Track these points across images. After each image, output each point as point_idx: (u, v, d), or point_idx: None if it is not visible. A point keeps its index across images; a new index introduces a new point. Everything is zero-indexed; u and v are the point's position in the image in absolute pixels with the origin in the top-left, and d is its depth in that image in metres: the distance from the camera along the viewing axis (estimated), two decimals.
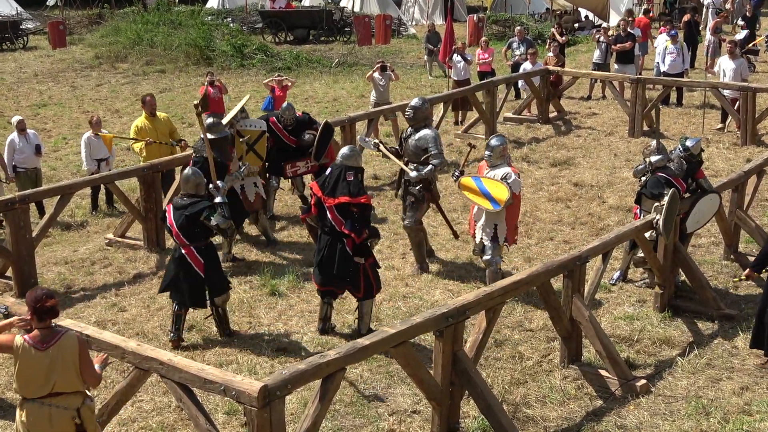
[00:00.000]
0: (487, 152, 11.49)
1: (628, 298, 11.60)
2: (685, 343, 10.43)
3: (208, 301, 10.61)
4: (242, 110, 13.86)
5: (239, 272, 12.69)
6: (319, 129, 14.18)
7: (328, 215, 10.32)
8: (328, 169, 10.60)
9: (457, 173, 11.79)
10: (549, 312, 9.65)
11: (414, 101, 12.81)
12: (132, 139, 15.22)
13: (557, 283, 9.93)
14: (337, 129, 16.69)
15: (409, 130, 12.71)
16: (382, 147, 13.15)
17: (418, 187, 12.34)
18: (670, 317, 11.01)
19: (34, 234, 12.60)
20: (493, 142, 11.53)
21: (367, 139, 14.22)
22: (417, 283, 12.16)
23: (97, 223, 15.00)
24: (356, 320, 10.78)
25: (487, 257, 11.40)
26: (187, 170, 10.96)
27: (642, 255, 11.20)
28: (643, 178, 11.43)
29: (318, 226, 10.63)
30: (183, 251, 10.42)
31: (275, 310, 11.46)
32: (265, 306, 11.59)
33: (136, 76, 29.76)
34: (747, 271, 10.47)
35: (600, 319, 10.55)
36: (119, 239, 14.02)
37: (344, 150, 10.76)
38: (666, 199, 10.51)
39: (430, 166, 12.28)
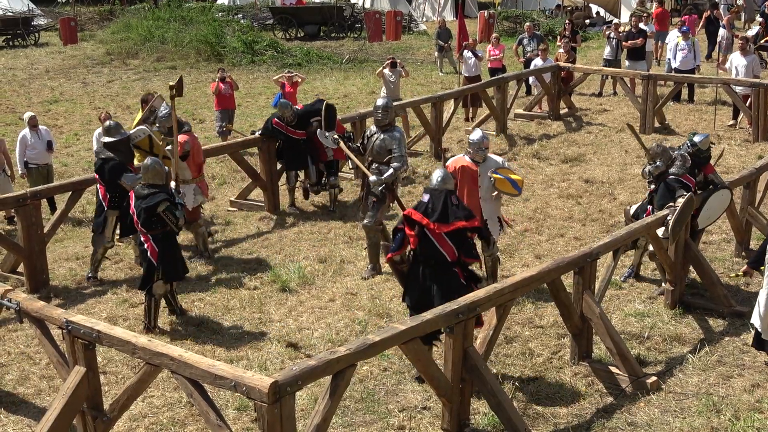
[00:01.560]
0: (475, 149, 11.35)
1: (638, 295, 11.58)
2: (695, 340, 10.41)
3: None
4: (152, 111, 13.75)
5: (249, 269, 12.72)
6: (322, 111, 14.11)
7: (437, 244, 9.10)
8: (425, 196, 9.34)
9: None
10: (559, 309, 9.63)
11: (381, 101, 12.64)
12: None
13: (567, 279, 9.91)
14: (348, 126, 16.71)
15: (373, 128, 12.58)
16: (342, 144, 12.88)
17: (380, 188, 12.20)
18: (680, 314, 10.99)
19: (45, 230, 12.65)
20: (478, 137, 11.43)
21: (327, 134, 13.65)
22: None
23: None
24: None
25: (496, 250, 11.54)
26: (148, 160, 11.05)
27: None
28: (652, 186, 11.40)
29: (404, 264, 9.52)
30: (142, 239, 10.75)
31: (285, 306, 11.48)
32: (276, 302, 11.60)
33: (147, 72, 29.81)
34: (745, 267, 10.47)
35: (610, 316, 10.54)
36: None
37: (439, 173, 9.49)
38: (681, 201, 10.50)
39: (390, 170, 12.17)
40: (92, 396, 8.06)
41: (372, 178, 12.20)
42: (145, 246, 10.73)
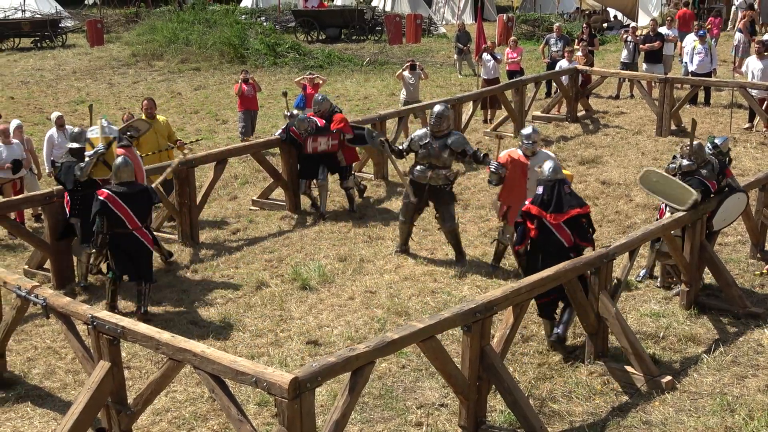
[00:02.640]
0: (526, 142, 11.96)
1: (654, 295, 11.54)
2: (710, 340, 10.37)
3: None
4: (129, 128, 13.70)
5: (271, 267, 12.75)
6: (358, 134, 14.51)
7: (556, 233, 9.79)
8: (540, 188, 10.01)
9: (495, 163, 12.14)
10: (576, 308, 9.61)
11: (438, 108, 12.93)
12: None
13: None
14: (368, 126, 16.74)
15: (419, 133, 13.04)
16: (386, 146, 13.33)
17: (449, 188, 12.78)
18: (696, 314, 10.94)
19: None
20: (529, 131, 12.06)
21: (374, 134, 14.25)
22: (445, 278, 12.16)
23: None
24: (560, 326, 10.08)
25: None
26: (120, 159, 11.27)
27: (665, 249, 11.13)
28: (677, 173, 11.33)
29: (524, 257, 10.11)
30: (136, 233, 11.07)
31: (306, 304, 11.50)
32: (296, 300, 11.63)
33: (172, 73, 29.92)
34: None
35: (626, 316, 10.51)
36: (155, 233, 14.09)
37: (550, 164, 10.11)
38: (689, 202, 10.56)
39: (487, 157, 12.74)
40: (116, 390, 8.11)
41: (406, 181, 12.93)
42: (141, 238, 11.19)
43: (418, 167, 12.88)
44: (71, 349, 9.00)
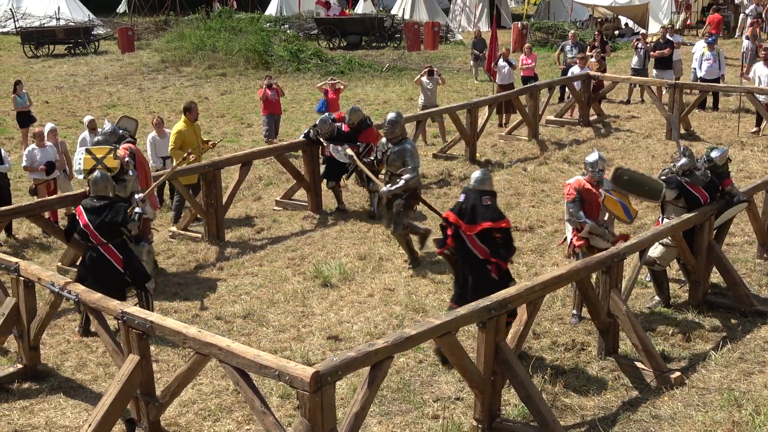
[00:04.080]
0: (596, 170, 10.51)
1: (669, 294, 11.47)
2: (718, 337, 10.30)
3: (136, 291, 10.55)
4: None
5: (293, 264, 12.77)
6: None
7: (469, 244, 9.28)
8: (462, 196, 9.47)
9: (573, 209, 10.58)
10: (587, 306, 9.58)
11: (391, 116, 12.51)
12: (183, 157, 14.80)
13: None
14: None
15: (387, 143, 12.49)
16: (355, 158, 13.21)
17: (404, 197, 12.26)
18: (704, 313, 10.88)
19: None
20: (596, 158, 10.66)
21: (339, 149, 14.06)
22: None
23: (161, 217, 15.13)
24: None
25: None
26: (96, 173, 10.58)
27: (653, 255, 10.91)
28: (663, 178, 11.14)
29: (454, 257, 9.64)
30: (101, 249, 10.24)
31: (327, 301, 11.50)
32: (318, 296, 11.63)
33: (199, 79, 29.99)
34: None
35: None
36: (182, 232, 14.16)
37: (477, 174, 9.56)
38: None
39: (401, 182, 12.17)
40: (145, 383, 8.14)
41: (383, 189, 12.37)
42: (108, 256, 10.24)
43: (380, 175, 12.76)
44: (102, 343, 9.03)
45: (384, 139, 12.63)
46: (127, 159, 11.60)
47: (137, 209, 10.35)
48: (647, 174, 10.84)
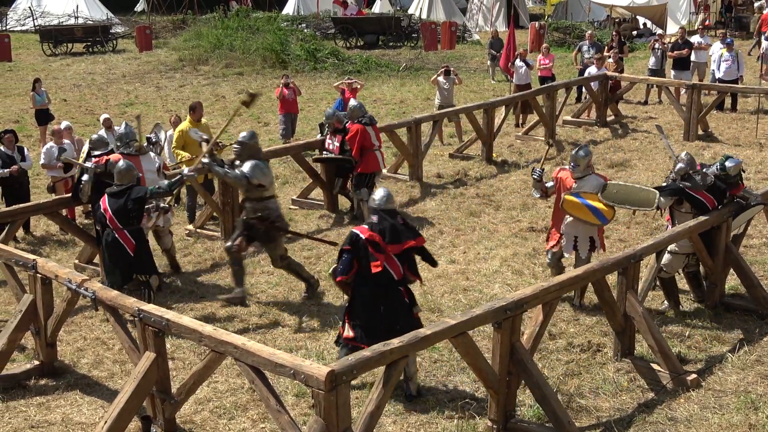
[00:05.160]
0: (572, 164, 10.95)
1: (680, 296, 11.41)
2: (735, 339, 10.25)
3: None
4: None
5: (309, 263, 12.77)
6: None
7: (386, 265, 8.71)
8: (374, 217, 8.90)
9: (538, 171, 11.27)
10: (603, 307, 9.55)
11: (242, 135, 11.66)
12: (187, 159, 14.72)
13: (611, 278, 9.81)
14: (403, 130, 16.74)
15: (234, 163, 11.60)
16: (204, 146, 12.11)
17: (261, 228, 11.41)
18: (721, 315, 10.83)
19: None
20: (580, 153, 10.95)
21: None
22: (477, 277, 12.13)
23: (178, 215, 15.19)
24: (405, 381, 9.03)
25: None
26: (121, 163, 10.94)
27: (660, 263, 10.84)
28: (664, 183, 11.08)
29: (349, 287, 8.95)
30: (116, 235, 10.54)
31: (343, 300, 11.49)
32: (333, 295, 11.63)
33: (216, 77, 30.08)
34: None
35: (663, 313, 10.43)
36: (199, 230, 14.21)
37: (383, 193, 9.10)
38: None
39: (236, 172, 11.28)
40: (161, 380, 8.16)
41: (184, 171, 11.80)
42: (122, 241, 10.51)
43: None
44: (118, 340, 9.07)
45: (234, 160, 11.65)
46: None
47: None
48: (636, 185, 10.80)
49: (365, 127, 14.39)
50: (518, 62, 21.84)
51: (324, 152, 14.91)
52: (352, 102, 15.28)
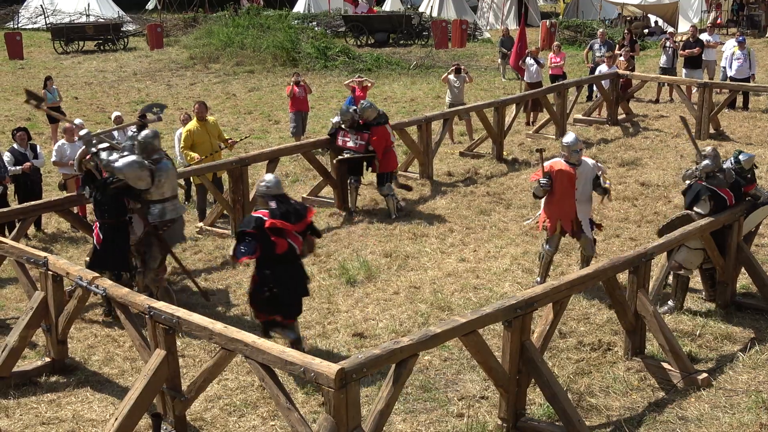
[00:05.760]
0: (570, 152, 11.27)
1: (691, 295, 11.39)
2: (746, 338, 10.22)
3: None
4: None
5: (319, 261, 12.78)
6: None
7: (292, 242, 9.34)
8: (272, 203, 9.37)
9: (544, 181, 11.24)
10: (614, 306, 9.53)
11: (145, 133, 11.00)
12: (195, 161, 14.64)
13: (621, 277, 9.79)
14: (413, 128, 16.72)
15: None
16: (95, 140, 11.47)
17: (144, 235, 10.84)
18: (732, 314, 10.79)
19: None
20: (572, 141, 11.34)
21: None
22: (487, 275, 12.11)
23: (188, 213, 15.22)
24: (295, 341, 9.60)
25: (592, 250, 11.64)
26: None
27: (678, 259, 10.83)
28: (688, 182, 11.13)
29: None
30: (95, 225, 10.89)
31: (352, 298, 11.51)
32: (343, 294, 11.65)
33: (227, 75, 30.12)
34: None
35: (663, 314, 10.39)
36: (209, 228, 14.24)
37: (272, 178, 9.64)
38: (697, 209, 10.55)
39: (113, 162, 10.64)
40: (171, 377, 8.18)
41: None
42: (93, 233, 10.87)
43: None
44: (129, 338, 9.09)
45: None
46: None
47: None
48: (673, 217, 10.91)
49: (386, 127, 14.65)
50: (529, 60, 21.80)
51: (345, 152, 14.85)
52: (363, 102, 15.29)
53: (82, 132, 11.36)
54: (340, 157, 14.79)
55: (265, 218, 9.23)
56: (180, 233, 11.29)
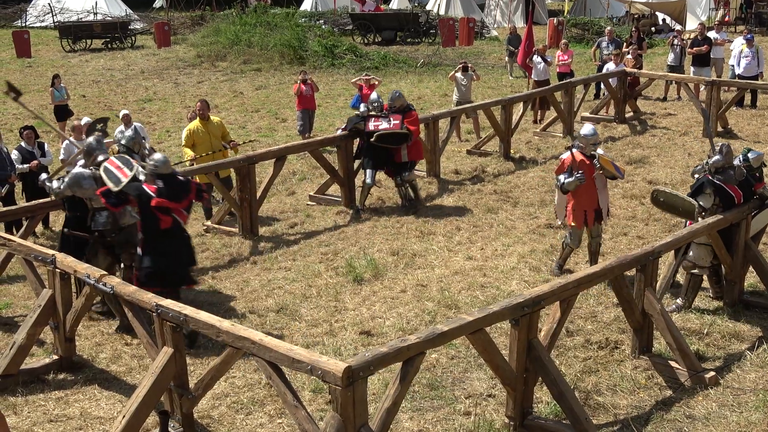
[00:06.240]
0: (588, 143, 11.64)
1: (699, 293, 11.36)
2: (754, 337, 10.19)
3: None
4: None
5: (327, 260, 12.80)
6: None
7: (178, 217, 10.12)
8: (159, 182, 9.95)
9: (578, 175, 11.41)
10: (621, 304, 9.51)
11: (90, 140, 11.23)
12: (189, 160, 14.66)
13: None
14: (421, 126, 16.71)
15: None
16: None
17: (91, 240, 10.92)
18: (740, 312, 10.77)
19: None
20: (589, 132, 11.75)
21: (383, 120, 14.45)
22: (494, 273, 12.11)
23: (195, 211, 15.22)
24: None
25: (599, 237, 12.00)
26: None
27: (690, 257, 10.87)
28: (697, 176, 11.11)
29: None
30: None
31: (359, 296, 11.52)
32: (350, 292, 11.65)
33: (234, 74, 30.15)
34: None
35: (671, 313, 10.38)
36: (216, 226, 14.26)
37: (160, 157, 10.18)
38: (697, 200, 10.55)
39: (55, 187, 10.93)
40: (179, 375, 8.18)
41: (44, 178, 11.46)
42: None
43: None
44: (137, 335, 9.10)
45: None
46: None
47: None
48: (680, 194, 10.85)
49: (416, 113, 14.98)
50: (536, 58, 21.78)
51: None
52: (395, 91, 15.32)
53: (90, 139, 11.41)
54: (378, 132, 14.60)
55: (152, 195, 9.93)
56: (132, 239, 10.81)
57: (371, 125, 14.68)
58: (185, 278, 10.36)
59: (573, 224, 11.80)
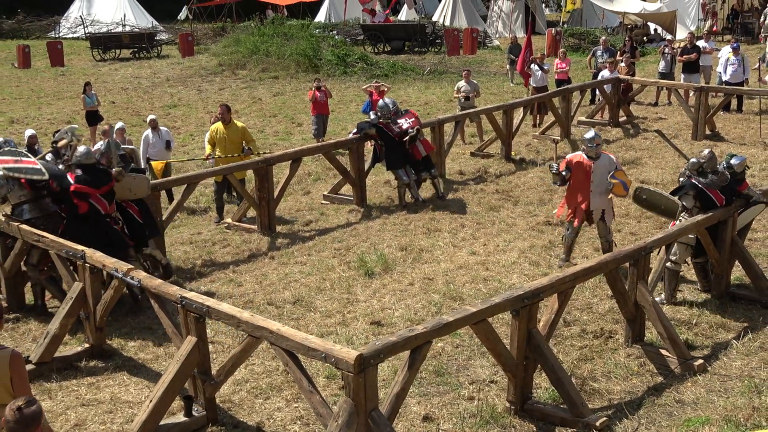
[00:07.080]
0: (589, 146, 11.75)
1: (688, 286, 11.34)
2: (740, 327, 10.16)
3: None
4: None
5: (339, 255, 12.80)
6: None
7: (95, 203, 10.53)
8: (78, 171, 10.49)
9: (555, 165, 11.96)
10: (615, 296, 9.49)
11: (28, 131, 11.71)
12: (187, 159, 14.59)
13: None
14: (427, 129, 16.71)
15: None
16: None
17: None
18: (726, 304, 10.74)
19: (164, 217, 12.89)
20: (592, 137, 11.79)
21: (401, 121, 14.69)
22: (496, 268, 12.09)
23: (208, 210, 15.27)
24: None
25: (609, 237, 12.01)
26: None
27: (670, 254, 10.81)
28: (682, 179, 11.06)
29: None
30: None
31: (370, 288, 11.52)
32: (362, 285, 11.65)
33: (253, 81, 30.17)
34: None
35: (662, 304, 10.35)
36: (236, 223, 14.27)
37: (84, 150, 10.70)
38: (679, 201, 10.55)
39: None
40: (202, 362, 8.20)
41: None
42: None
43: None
44: (162, 325, 9.12)
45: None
46: None
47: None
48: (664, 193, 10.82)
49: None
50: (534, 66, 21.75)
51: (409, 132, 14.89)
52: (382, 101, 15.38)
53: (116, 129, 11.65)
54: (408, 136, 14.80)
55: (71, 181, 10.46)
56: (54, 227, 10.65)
57: (395, 128, 14.80)
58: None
59: (560, 216, 12.05)
